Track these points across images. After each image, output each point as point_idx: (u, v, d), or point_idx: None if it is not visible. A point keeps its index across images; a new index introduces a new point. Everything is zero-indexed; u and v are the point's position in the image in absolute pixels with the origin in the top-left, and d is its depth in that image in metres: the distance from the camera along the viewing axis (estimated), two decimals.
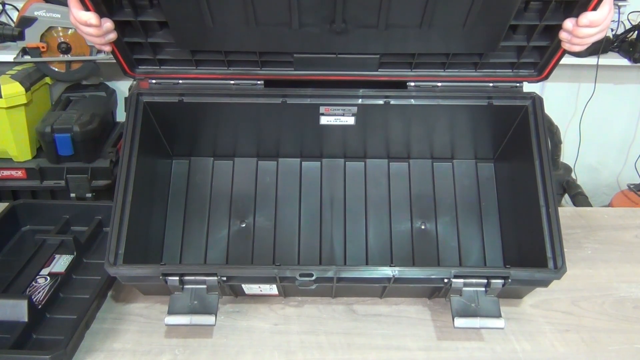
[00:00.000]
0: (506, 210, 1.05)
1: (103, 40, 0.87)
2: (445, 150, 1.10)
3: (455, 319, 0.84)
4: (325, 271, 0.83)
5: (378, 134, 1.06)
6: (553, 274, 0.84)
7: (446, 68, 0.98)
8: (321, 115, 1.01)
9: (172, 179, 1.09)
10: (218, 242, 1.05)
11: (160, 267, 0.83)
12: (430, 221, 1.07)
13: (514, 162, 1.03)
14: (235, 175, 1.10)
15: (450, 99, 0.98)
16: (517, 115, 0.99)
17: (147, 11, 0.87)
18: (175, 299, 0.85)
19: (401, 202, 1.08)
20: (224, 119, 1.03)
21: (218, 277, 0.83)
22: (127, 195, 0.89)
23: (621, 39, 2.27)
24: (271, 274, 0.83)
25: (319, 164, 1.11)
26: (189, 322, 0.83)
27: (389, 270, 0.83)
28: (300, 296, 0.95)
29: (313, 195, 1.09)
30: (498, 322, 0.84)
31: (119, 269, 0.84)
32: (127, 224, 0.87)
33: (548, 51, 0.93)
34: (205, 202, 1.07)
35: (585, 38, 0.84)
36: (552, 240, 0.86)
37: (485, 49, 0.92)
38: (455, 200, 1.08)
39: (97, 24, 0.83)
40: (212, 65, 0.98)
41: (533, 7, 0.87)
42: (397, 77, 0.99)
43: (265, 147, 1.10)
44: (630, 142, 2.68)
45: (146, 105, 0.97)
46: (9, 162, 1.86)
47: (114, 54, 0.92)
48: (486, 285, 0.84)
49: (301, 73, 0.98)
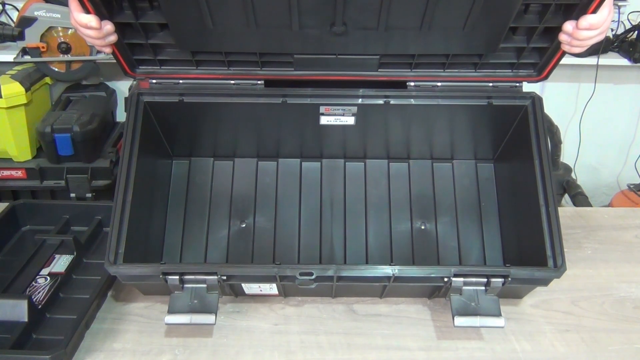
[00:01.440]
0: (506, 210, 1.05)
1: (103, 42, 0.88)
2: (445, 151, 1.10)
3: (455, 317, 0.84)
4: (325, 270, 0.83)
5: (378, 134, 1.06)
6: (553, 273, 0.84)
7: (446, 68, 0.98)
8: (321, 115, 1.01)
9: (172, 179, 1.09)
10: (218, 242, 1.05)
11: (160, 267, 0.83)
12: (430, 221, 1.07)
13: (513, 162, 1.03)
14: (236, 175, 1.10)
15: (450, 99, 0.98)
16: (517, 115, 0.99)
17: (148, 13, 0.87)
18: (175, 298, 0.85)
19: (401, 202, 1.08)
20: (224, 118, 1.03)
21: (218, 277, 0.83)
22: (127, 195, 0.89)
23: (621, 39, 2.27)
24: (271, 272, 0.83)
25: (319, 164, 1.11)
26: (189, 321, 0.83)
27: (389, 269, 0.83)
28: (300, 296, 0.95)
29: (313, 195, 1.09)
30: (498, 321, 0.84)
31: (119, 268, 0.84)
32: (127, 223, 0.86)
33: (548, 52, 0.93)
34: (205, 202, 1.07)
35: (584, 40, 0.84)
36: (552, 239, 0.86)
37: (485, 50, 0.92)
38: (455, 200, 1.08)
39: (97, 26, 0.83)
40: (212, 66, 0.98)
41: (533, 9, 0.86)
42: (397, 77, 0.99)
43: (265, 148, 1.09)
44: (630, 142, 2.68)
45: (146, 105, 0.97)
46: (9, 162, 1.86)
47: (114, 54, 0.92)
48: (486, 284, 0.84)
49: (301, 73, 0.98)
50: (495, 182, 1.09)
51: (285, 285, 0.88)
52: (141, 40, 0.91)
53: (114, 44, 0.89)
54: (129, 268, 0.84)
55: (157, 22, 0.89)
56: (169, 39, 0.91)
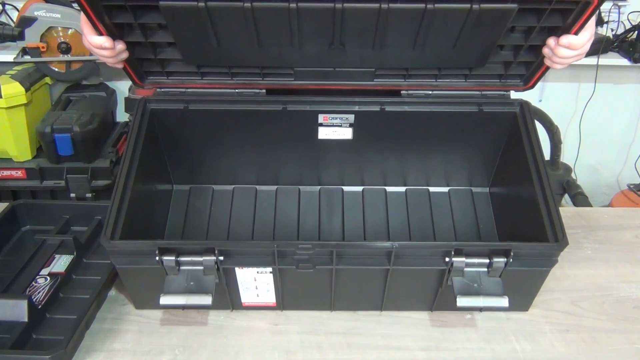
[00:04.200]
0: (504, 226, 1.07)
1: (116, 60, 0.92)
2: (439, 172, 1.13)
3: (458, 297, 0.82)
4: (325, 246, 0.83)
5: (374, 150, 1.09)
6: (555, 246, 0.83)
7: (437, 79, 1.02)
8: (319, 126, 1.05)
9: (172, 199, 1.11)
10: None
11: (157, 242, 0.82)
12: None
13: (509, 183, 1.06)
14: (235, 200, 1.12)
15: (443, 105, 1.03)
16: (508, 123, 1.03)
17: (157, 33, 0.92)
18: (170, 280, 0.84)
19: (399, 226, 1.11)
20: (226, 128, 1.05)
21: (216, 257, 0.82)
22: (125, 196, 0.89)
23: (621, 39, 2.27)
24: (270, 248, 0.82)
25: (317, 191, 1.14)
26: (185, 302, 0.82)
27: (388, 243, 0.82)
28: (296, 309, 0.93)
29: (311, 221, 1.11)
30: (501, 301, 0.83)
31: (116, 244, 0.83)
32: (125, 212, 0.87)
33: (533, 65, 0.98)
34: (203, 225, 1.09)
35: (563, 58, 0.89)
36: (551, 218, 0.86)
37: (475, 65, 0.98)
38: (453, 222, 1.11)
39: (111, 46, 0.87)
40: (216, 77, 1.02)
41: (519, 29, 0.92)
42: (391, 86, 1.03)
43: (265, 170, 1.12)
44: (630, 142, 2.68)
45: (152, 114, 1.01)
46: (9, 162, 1.87)
47: (124, 69, 0.96)
48: (488, 265, 0.83)
49: (301, 83, 1.02)
50: (491, 205, 1.12)
51: (283, 273, 0.87)
52: (150, 56, 0.96)
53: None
54: (125, 244, 0.83)
55: (166, 41, 0.93)
56: (176, 54, 0.96)
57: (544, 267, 0.86)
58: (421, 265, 0.86)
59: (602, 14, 2.27)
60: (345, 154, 1.09)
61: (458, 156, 1.11)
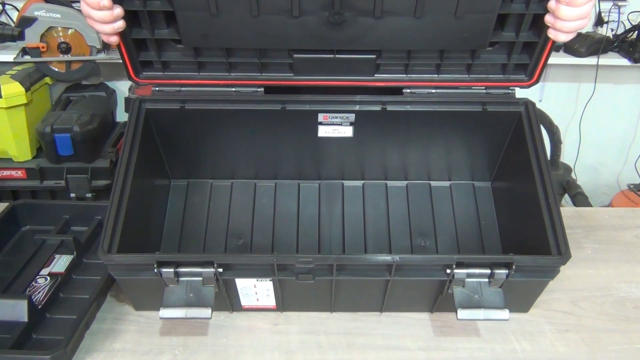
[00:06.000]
0: (505, 222, 1.06)
1: (112, 27, 0.87)
2: (441, 168, 1.11)
3: (459, 310, 0.82)
4: (325, 259, 0.82)
5: (375, 147, 1.07)
6: (557, 260, 0.83)
7: (440, 72, 1.00)
8: (319, 125, 1.03)
9: (170, 194, 1.10)
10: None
11: (155, 255, 0.82)
12: (430, 239, 1.08)
13: (512, 179, 1.05)
14: (233, 195, 1.11)
15: (446, 105, 1.01)
16: (512, 123, 1.01)
17: (155, 2, 0.89)
18: (170, 291, 0.83)
19: (400, 221, 1.09)
20: (224, 128, 1.04)
21: (215, 269, 0.82)
22: (123, 196, 0.89)
23: (621, 39, 2.27)
24: (269, 261, 0.82)
25: (317, 185, 1.12)
26: (185, 315, 0.82)
27: (389, 257, 0.81)
28: (296, 311, 0.93)
29: (311, 215, 1.09)
30: (502, 314, 0.82)
31: (113, 257, 0.82)
32: (123, 220, 0.86)
33: (537, 49, 0.95)
34: (202, 222, 1.08)
35: (566, 21, 0.85)
36: (554, 229, 0.86)
37: (476, 43, 0.94)
38: (454, 218, 1.10)
39: (109, 5, 0.84)
40: (214, 70, 1.00)
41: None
42: (392, 82, 1.01)
43: (264, 166, 1.11)
44: (630, 142, 2.68)
45: (148, 114, 0.99)
46: (9, 162, 1.87)
47: (120, 52, 0.93)
48: (490, 275, 0.83)
49: (300, 78, 1.00)
50: (493, 198, 1.10)
51: (283, 282, 0.87)
52: (147, 35, 0.93)
53: (121, 39, 0.90)
54: (123, 257, 0.83)
55: (164, 9, 0.90)
56: (174, 34, 0.93)
57: (546, 277, 0.86)
58: (422, 277, 0.85)
59: (602, 14, 2.27)
60: (345, 149, 1.07)
61: (460, 153, 1.09)
